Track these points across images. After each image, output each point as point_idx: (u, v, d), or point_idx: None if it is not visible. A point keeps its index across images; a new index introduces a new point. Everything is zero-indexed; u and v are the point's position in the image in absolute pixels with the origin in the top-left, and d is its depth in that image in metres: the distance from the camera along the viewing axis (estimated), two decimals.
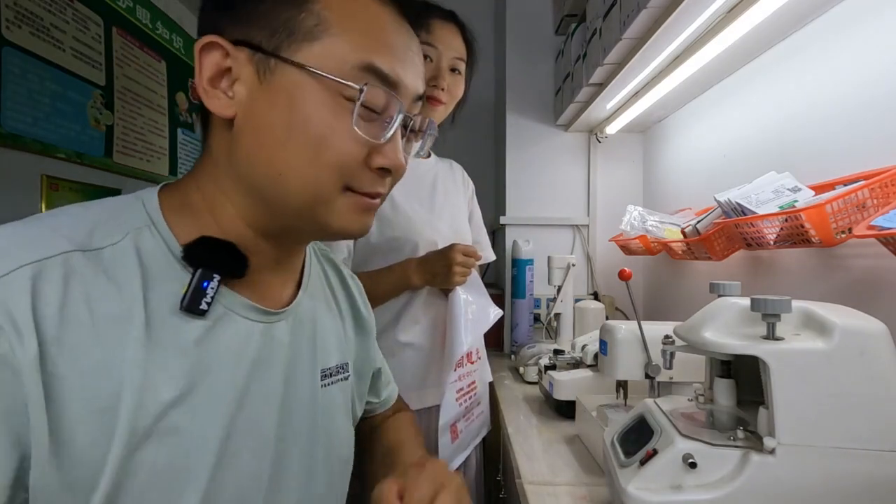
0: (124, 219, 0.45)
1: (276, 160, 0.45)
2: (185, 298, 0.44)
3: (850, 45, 0.92)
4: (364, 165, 0.47)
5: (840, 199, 0.80)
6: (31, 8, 1.18)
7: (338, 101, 0.45)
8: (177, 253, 0.45)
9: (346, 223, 0.49)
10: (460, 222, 1.20)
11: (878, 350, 0.54)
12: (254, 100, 0.45)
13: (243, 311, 0.49)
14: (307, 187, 0.46)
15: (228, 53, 0.45)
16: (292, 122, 0.44)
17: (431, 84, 1.05)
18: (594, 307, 1.53)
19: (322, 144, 0.45)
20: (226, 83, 0.46)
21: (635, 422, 0.68)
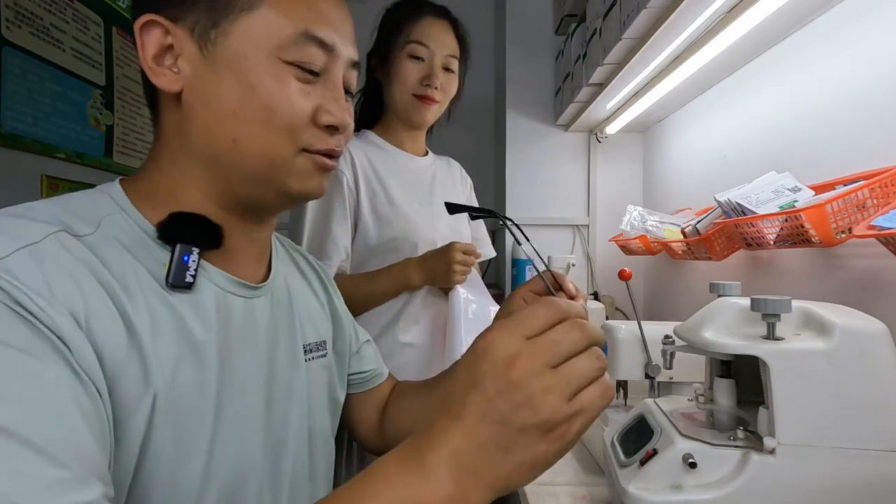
0: (93, 209, 0.46)
1: (230, 129, 0.47)
2: (169, 274, 0.45)
3: (850, 45, 0.92)
4: (312, 124, 0.49)
5: (840, 199, 0.80)
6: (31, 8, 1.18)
7: (279, 66, 0.47)
8: (151, 233, 0.46)
9: (305, 184, 0.51)
10: (459, 220, 1.20)
11: (878, 350, 0.54)
12: (199, 74, 0.47)
13: (226, 285, 0.51)
14: (263, 151, 0.48)
15: (168, 31, 0.46)
16: (240, 92, 0.46)
17: (424, 84, 1.05)
18: (594, 307, 1.52)
19: (271, 109, 0.47)
20: (170, 59, 0.47)
21: (635, 422, 0.68)
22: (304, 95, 0.48)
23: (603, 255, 1.99)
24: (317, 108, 0.49)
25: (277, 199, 0.52)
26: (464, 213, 1.25)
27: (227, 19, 0.46)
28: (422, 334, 1.09)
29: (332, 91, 0.50)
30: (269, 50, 0.47)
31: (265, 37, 0.46)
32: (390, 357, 1.03)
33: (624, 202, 1.74)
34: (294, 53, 0.47)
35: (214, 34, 0.46)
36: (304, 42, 0.48)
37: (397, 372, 0.83)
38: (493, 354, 0.34)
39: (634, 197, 1.98)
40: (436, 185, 1.17)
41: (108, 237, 0.44)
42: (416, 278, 1.04)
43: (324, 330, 0.66)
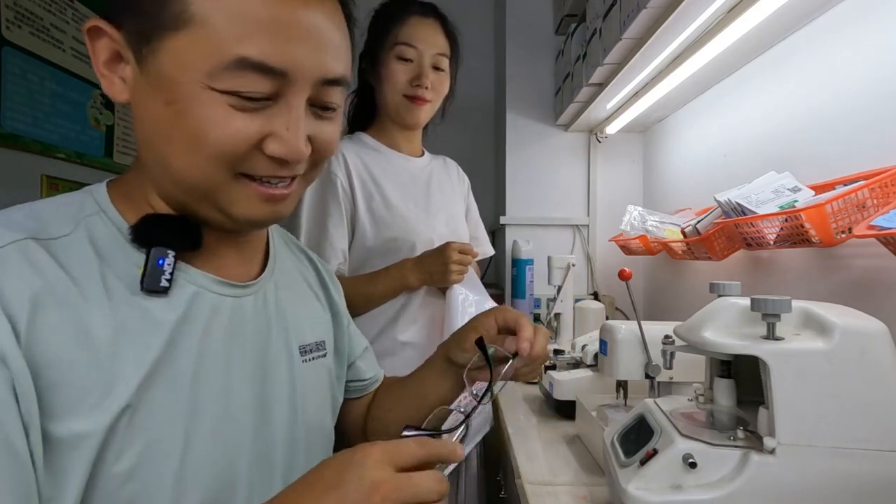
0: (74, 210, 0.45)
1: (161, 151, 0.45)
2: (143, 279, 0.44)
3: (850, 45, 0.92)
4: (256, 151, 0.44)
5: (840, 199, 0.80)
6: (31, 8, 1.18)
7: (212, 94, 0.41)
8: (127, 235, 0.45)
9: (247, 211, 0.47)
10: (457, 220, 1.20)
11: (878, 350, 0.54)
12: (137, 88, 0.44)
13: (210, 286, 0.49)
14: (193, 177, 0.44)
15: (113, 38, 0.43)
16: (168, 116, 0.42)
17: (415, 84, 1.04)
18: (594, 307, 1.52)
19: (198, 138, 0.42)
20: (121, 67, 0.45)
21: (635, 422, 0.68)
22: (244, 122, 0.43)
23: (603, 255, 1.99)
24: (263, 134, 0.44)
25: (227, 221, 0.48)
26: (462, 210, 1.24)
27: (155, 36, 0.41)
28: (420, 333, 1.09)
29: (286, 116, 0.44)
30: (198, 76, 0.41)
31: (193, 61, 0.41)
32: (389, 355, 1.03)
33: (624, 202, 1.74)
34: (228, 82, 0.41)
35: (145, 50, 0.42)
36: (240, 69, 0.41)
37: (395, 370, 0.83)
38: (365, 472, 0.37)
39: (634, 197, 1.98)
40: (432, 184, 1.17)
41: (83, 239, 0.43)
42: (414, 279, 1.04)
43: (323, 330, 0.65)
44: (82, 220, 0.44)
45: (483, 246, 1.28)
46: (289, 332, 0.58)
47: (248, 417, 0.50)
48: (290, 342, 0.57)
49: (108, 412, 0.40)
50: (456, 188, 1.25)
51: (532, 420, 1.09)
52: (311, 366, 0.60)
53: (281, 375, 0.55)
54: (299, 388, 0.57)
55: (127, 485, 0.41)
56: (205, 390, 0.47)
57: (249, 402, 0.51)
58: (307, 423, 0.58)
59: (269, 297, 0.57)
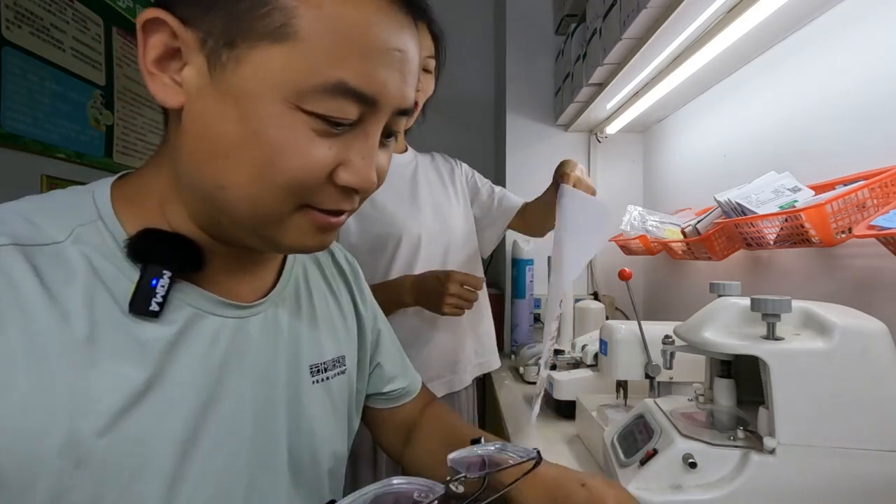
0: (71, 214, 0.41)
1: (218, 171, 0.40)
2: (133, 299, 0.40)
3: (850, 45, 0.92)
4: (328, 181, 0.41)
5: (840, 198, 0.80)
6: (31, 8, 1.18)
7: (298, 116, 0.38)
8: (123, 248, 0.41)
9: (301, 241, 0.44)
10: (448, 213, 1.16)
11: (878, 350, 0.54)
12: (202, 96, 0.39)
13: (210, 307, 0.45)
14: (253, 205, 0.40)
15: (176, 34, 0.38)
16: (239, 135, 0.38)
17: None
18: (594, 307, 1.52)
19: (272, 162, 0.38)
20: (175, 67, 0.39)
21: (635, 422, 0.68)
22: (323, 149, 0.39)
23: (603, 255, 1.99)
24: (338, 163, 0.41)
25: (270, 250, 0.46)
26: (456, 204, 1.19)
27: (245, 43, 0.37)
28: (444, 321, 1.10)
29: (363, 144, 0.41)
30: (287, 94, 0.37)
31: (286, 78, 0.37)
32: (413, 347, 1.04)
33: (624, 202, 1.74)
34: (319, 104, 0.38)
35: (227, 56, 0.37)
36: (335, 93, 0.38)
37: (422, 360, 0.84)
38: None
39: (634, 197, 1.98)
40: (418, 179, 1.15)
41: (75, 251, 0.40)
42: (409, 298, 1.03)
43: (343, 345, 0.60)
44: (76, 228, 0.40)
45: (511, 200, 1.27)
46: (300, 352, 0.54)
47: (246, 445, 0.47)
48: (299, 363, 0.53)
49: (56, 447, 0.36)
50: (446, 181, 1.21)
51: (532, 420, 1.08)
52: (323, 386, 0.56)
53: (285, 399, 0.51)
54: (306, 412, 0.53)
55: None
56: (199, 418, 0.43)
57: (248, 428, 0.47)
58: (313, 448, 0.54)
59: (281, 314, 0.52)
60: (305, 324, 0.55)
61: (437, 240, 1.12)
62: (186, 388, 0.43)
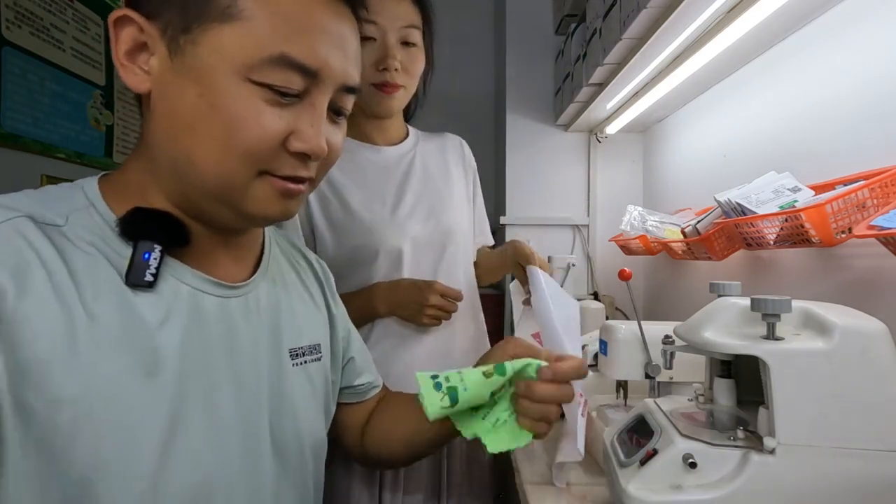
0: (64, 203, 0.45)
1: (185, 144, 0.45)
2: (128, 272, 0.44)
3: (850, 45, 0.92)
4: (281, 149, 0.46)
5: (840, 198, 0.80)
6: (31, 8, 1.18)
7: (247, 87, 0.43)
8: (115, 228, 0.45)
9: (264, 208, 0.48)
10: (444, 210, 1.01)
11: (878, 350, 0.54)
12: (165, 79, 0.44)
13: (198, 284, 0.49)
14: (217, 172, 0.45)
15: (143, 28, 0.44)
16: (200, 107, 0.43)
17: (381, 68, 0.89)
18: (594, 307, 1.52)
19: (230, 131, 0.44)
20: (143, 58, 0.45)
21: (635, 422, 0.68)
22: (273, 117, 0.45)
23: (603, 255, 1.99)
24: (289, 131, 0.46)
25: (238, 220, 0.49)
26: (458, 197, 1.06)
27: (198, 27, 0.43)
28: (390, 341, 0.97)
29: (310, 114, 0.46)
30: (238, 68, 0.43)
31: (236, 53, 0.43)
32: None
33: (624, 202, 1.74)
34: (266, 75, 0.43)
35: (184, 40, 0.43)
36: (280, 65, 0.43)
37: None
38: None
39: (634, 197, 1.98)
40: (412, 175, 1.01)
41: (75, 231, 0.44)
42: (383, 307, 0.93)
43: (318, 333, 0.63)
44: (72, 213, 0.44)
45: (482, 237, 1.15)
46: (280, 335, 0.57)
47: (232, 421, 0.49)
48: (280, 345, 0.56)
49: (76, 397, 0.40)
50: (451, 171, 1.08)
51: None
52: (302, 370, 0.59)
53: (267, 379, 0.54)
54: (287, 393, 0.56)
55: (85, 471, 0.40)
56: (186, 389, 0.46)
57: (232, 405, 0.49)
58: (296, 429, 0.56)
59: (261, 298, 0.56)
60: (284, 309, 0.58)
61: (429, 245, 0.99)
62: (178, 358, 0.45)
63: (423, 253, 0.98)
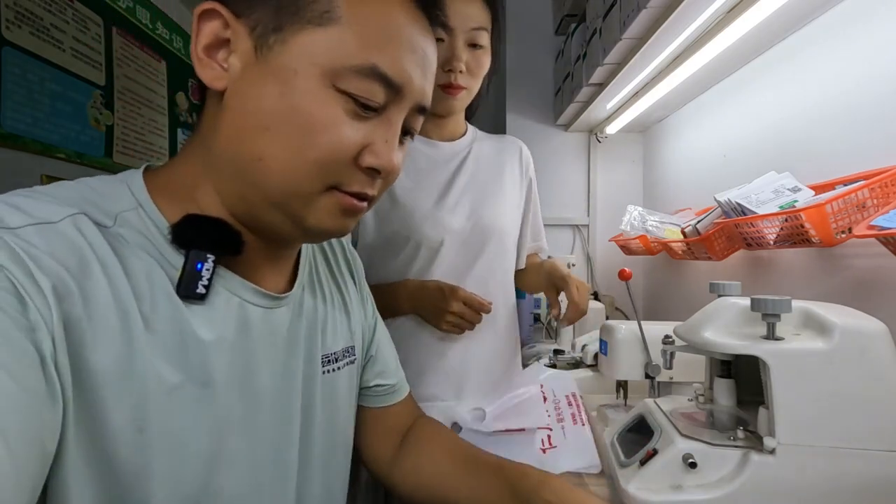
0: (111, 202, 0.43)
1: (258, 144, 0.43)
2: (180, 283, 0.42)
3: (850, 45, 0.92)
4: (353, 164, 0.45)
5: (840, 199, 0.80)
6: (31, 8, 1.18)
7: (332, 94, 0.42)
8: (167, 234, 0.43)
9: (324, 222, 0.46)
10: (488, 208, 1.01)
11: (878, 350, 0.54)
12: (247, 76, 0.43)
13: (245, 294, 0.48)
14: (287, 178, 0.43)
15: (228, 24, 0.43)
16: (280, 108, 0.42)
17: (446, 69, 0.90)
18: (594, 307, 1.52)
19: (306, 136, 0.42)
20: (223, 54, 0.44)
21: (635, 422, 0.68)
22: (351, 129, 0.43)
23: (603, 255, 1.99)
24: (364, 145, 0.44)
25: (294, 230, 0.47)
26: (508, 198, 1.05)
27: (291, 27, 0.42)
28: None
29: (386, 130, 0.45)
30: (325, 72, 0.42)
31: (325, 58, 0.41)
32: None
33: (624, 202, 1.74)
34: (352, 84, 0.42)
35: (273, 39, 0.42)
36: (367, 76, 0.42)
37: None
38: None
39: (634, 197, 1.98)
40: (462, 171, 1.01)
41: (124, 234, 0.42)
42: (407, 305, 0.94)
43: (352, 335, 0.63)
44: (119, 214, 0.42)
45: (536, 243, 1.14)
46: (315, 342, 0.56)
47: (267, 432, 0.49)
48: (315, 352, 0.56)
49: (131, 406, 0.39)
50: (506, 171, 1.07)
51: None
52: (335, 376, 0.58)
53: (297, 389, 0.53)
54: (319, 402, 0.55)
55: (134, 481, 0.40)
56: (231, 402, 0.45)
57: (268, 415, 0.49)
58: (326, 437, 0.56)
59: (302, 306, 0.55)
60: (321, 315, 0.58)
61: (467, 242, 0.99)
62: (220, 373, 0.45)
63: (461, 249, 0.98)
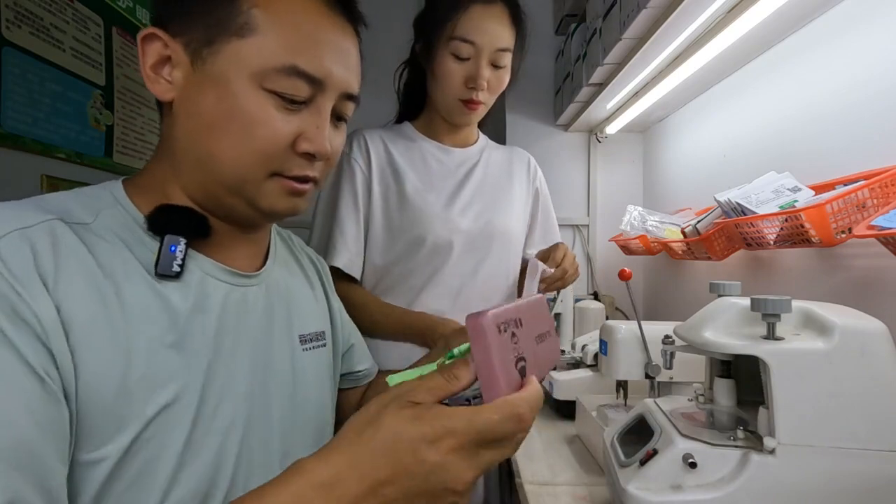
0: (92, 202, 0.49)
1: (207, 142, 0.50)
2: (157, 264, 0.48)
3: (850, 46, 0.92)
4: (290, 151, 0.51)
5: (840, 198, 0.80)
6: (31, 8, 1.18)
7: (261, 93, 0.49)
8: (143, 224, 0.49)
9: (275, 204, 0.53)
10: (497, 212, 1.03)
11: (878, 350, 0.54)
12: (188, 86, 0.50)
13: (218, 274, 0.54)
14: (236, 169, 0.50)
15: (167, 44, 0.49)
16: (219, 109, 0.49)
17: (469, 86, 0.93)
18: (594, 307, 1.53)
19: (246, 132, 0.49)
20: (167, 70, 0.50)
21: (635, 422, 0.68)
22: (283, 121, 0.50)
23: (603, 255, 1.99)
24: (297, 134, 0.51)
25: (252, 212, 0.54)
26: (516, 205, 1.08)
27: (219, 40, 0.48)
28: None
29: (316, 118, 0.52)
30: (252, 76, 0.48)
31: (250, 63, 0.48)
32: None
33: (624, 202, 1.74)
34: (277, 84, 0.49)
35: (206, 52, 0.49)
36: (289, 74, 0.49)
37: None
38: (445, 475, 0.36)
39: (634, 197, 1.98)
40: (472, 176, 1.04)
41: (105, 227, 0.48)
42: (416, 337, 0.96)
43: (323, 322, 0.68)
44: (101, 210, 0.49)
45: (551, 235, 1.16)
46: (291, 322, 0.61)
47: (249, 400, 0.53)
48: (291, 330, 0.61)
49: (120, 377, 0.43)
50: (514, 181, 1.10)
51: None
52: (312, 354, 0.63)
53: (283, 364, 0.58)
54: (300, 376, 0.60)
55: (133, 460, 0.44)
56: (211, 371, 0.49)
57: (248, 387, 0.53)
58: (306, 409, 0.60)
59: (273, 287, 0.60)
60: (294, 296, 0.63)
61: (475, 243, 1.01)
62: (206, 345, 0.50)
63: (469, 250, 1.00)
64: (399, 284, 0.99)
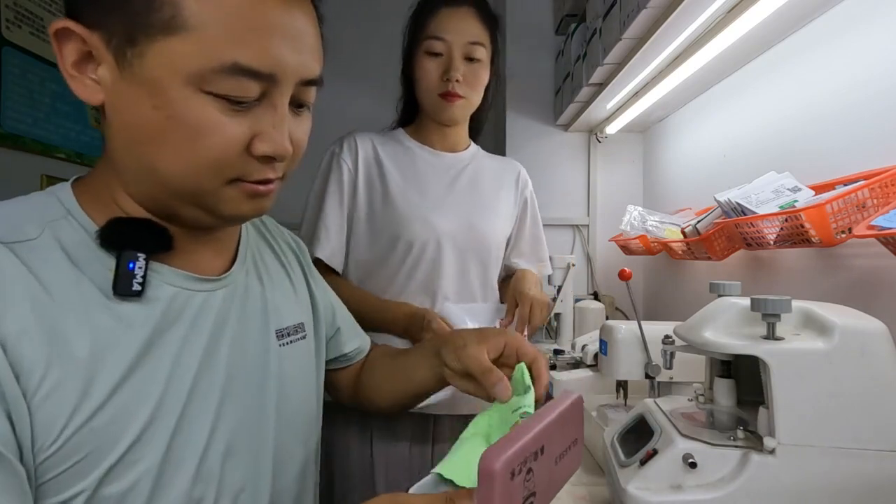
0: (38, 213, 0.44)
1: (148, 155, 0.43)
2: (115, 283, 0.43)
3: (850, 45, 0.92)
4: (246, 155, 0.44)
5: (840, 198, 0.80)
6: (31, 8, 1.18)
7: (202, 97, 0.41)
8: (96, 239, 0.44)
9: (238, 210, 0.48)
10: (483, 218, 1.05)
11: (878, 350, 0.54)
12: (117, 90, 0.42)
13: (185, 283, 0.49)
14: (187, 181, 0.44)
15: (85, 39, 0.41)
16: (157, 120, 0.41)
17: (444, 79, 0.97)
18: (594, 307, 1.53)
19: (192, 143, 0.42)
20: (91, 67, 0.43)
21: (635, 422, 0.68)
22: (233, 125, 0.43)
23: (603, 255, 1.99)
24: (251, 135, 0.44)
25: (213, 219, 0.49)
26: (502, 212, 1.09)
27: (144, 39, 0.40)
28: None
29: (272, 117, 0.45)
30: (189, 79, 0.41)
31: (184, 65, 0.40)
32: None
33: (624, 202, 1.74)
34: (220, 86, 0.41)
35: (131, 53, 0.41)
36: (232, 73, 0.41)
37: None
38: None
39: (634, 197, 1.98)
40: (460, 179, 1.06)
41: (52, 244, 0.42)
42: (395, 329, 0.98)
43: (301, 312, 0.64)
44: (48, 223, 0.43)
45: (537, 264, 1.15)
46: (267, 318, 0.57)
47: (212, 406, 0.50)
48: (267, 327, 0.57)
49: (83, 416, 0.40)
50: (503, 190, 1.13)
51: None
52: (291, 348, 0.60)
53: (258, 360, 0.55)
54: (278, 372, 0.57)
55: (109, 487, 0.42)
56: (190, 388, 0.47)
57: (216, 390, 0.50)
58: (291, 404, 0.58)
59: (243, 286, 0.56)
60: (267, 293, 0.59)
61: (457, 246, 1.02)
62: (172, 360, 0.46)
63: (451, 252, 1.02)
64: (381, 281, 1.02)
